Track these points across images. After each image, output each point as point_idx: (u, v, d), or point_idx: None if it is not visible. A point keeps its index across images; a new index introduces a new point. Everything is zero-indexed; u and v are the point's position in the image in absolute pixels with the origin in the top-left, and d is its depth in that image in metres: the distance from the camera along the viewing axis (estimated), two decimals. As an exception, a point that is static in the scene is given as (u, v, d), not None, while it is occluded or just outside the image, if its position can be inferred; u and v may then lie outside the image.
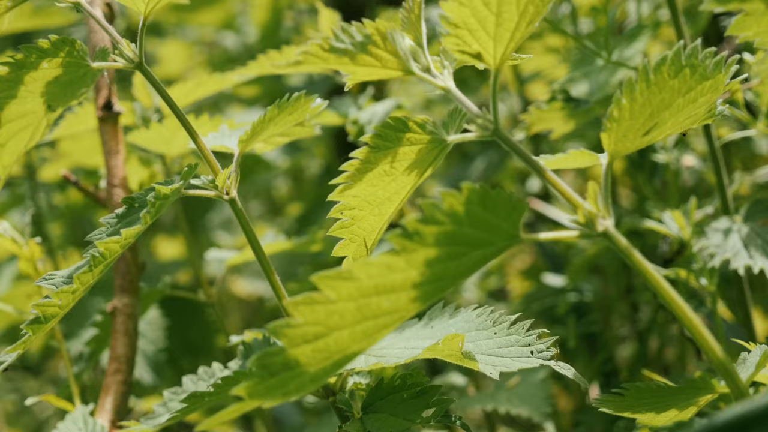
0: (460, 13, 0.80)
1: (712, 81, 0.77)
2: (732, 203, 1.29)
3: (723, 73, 0.77)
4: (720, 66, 0.77)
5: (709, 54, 0.78)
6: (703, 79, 0.77)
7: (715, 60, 0.77)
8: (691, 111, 0.79)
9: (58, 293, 0.89)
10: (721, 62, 0.77)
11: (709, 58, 0.78)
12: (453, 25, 0.81)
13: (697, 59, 0.78)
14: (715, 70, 0.77)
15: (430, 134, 0.83)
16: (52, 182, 1.90)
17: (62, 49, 1.01)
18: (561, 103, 1.34)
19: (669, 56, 0.78)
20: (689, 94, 0.78)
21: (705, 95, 0.78)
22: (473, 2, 0.80)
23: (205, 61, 2.28)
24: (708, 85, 0.77)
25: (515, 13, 0.80)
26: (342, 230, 0.86)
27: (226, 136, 1.15)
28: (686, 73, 0.78)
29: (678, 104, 0.78)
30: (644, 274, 0.79)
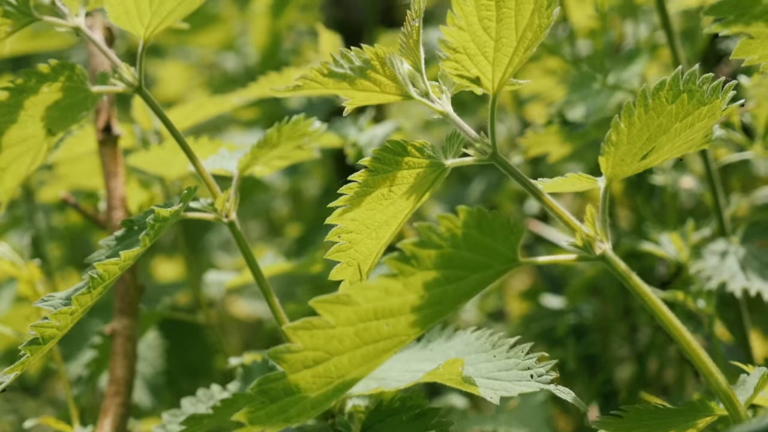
0: (460, 38, 0.81)
1: (709, 106, 0.78)
2: (729, 225, 1.29)
3: (720, 98, 0.77)
4: (717, 91, 0.78)
5: (706, 79, 0.78)
6: (700, 104, 0.78)
7: (712, 85, 0.78)
8: (688, 136, 0.79)
9: (57, 314, 0.89)
10: (718, 87, 0.78)
11: (706, 83, 0.78)
12: (452, 49, 0.81)
13: (694, 84, 0.78)
14: (713, 96, 0.77)
15: (429, 158, 0.83)
16: (50, 203, 1.90)
17: (62, 74, 1.01)
18: (558, 127, 1.34)
19: (667, 81, 0.79)
20: (687, 119, 0.78)
21: (702, 120, 0.78)
22: (473, 27, 0.80)
23: (204, 83, 2.29)
24: (705, 110, 0.78)
25: (513, 39, 0.80)
26: (339, 254, 0.86)
27: (226, 158, 1.15)
28: (684, 98, 0.78)
29: (675, 129, 0.79)
30: (642, 298, 0.80)
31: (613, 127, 0.80)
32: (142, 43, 1.03)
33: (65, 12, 1.03)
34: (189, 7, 1.02)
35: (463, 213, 0.75)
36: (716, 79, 0.78)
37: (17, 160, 1.05)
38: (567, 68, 1.41)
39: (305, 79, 0.81)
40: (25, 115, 1.02)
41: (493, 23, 0.80)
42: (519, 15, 0.80)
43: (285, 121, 1.07)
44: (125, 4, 0.99)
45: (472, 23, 0.80)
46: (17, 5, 1.01)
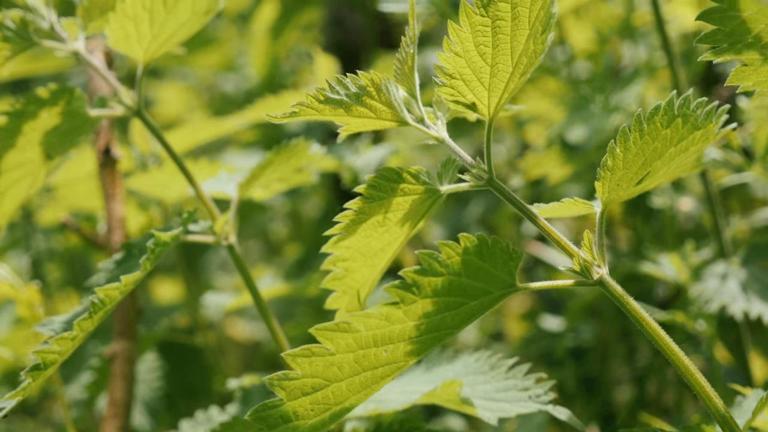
0: (456, 64, 0.81)
1: (703, 130, 0.78)
2: (729, 247, 1.29)
3: (714, 122, 0.77)
4: (711, 115, 0.78)
5: (700, 104, 0.78)
6: (694, 128, 0.78)
7: (706, 110, 0.78)
8: (682, 160, 0.79)
9: (58, 340, 0.89)
10: (712, 112, 0.78)
11: (700, 108, 0.78)
12: (448, 75, 0.82)
13: (689, 109, 0.78)
14: (706, 120, 0.78)
15: (424, 185, 0.83)
16: (49, 225, 1.91)
17: (61, 98, 1.02)
18: (557, 149, 1.35)
19: (662, 106, 0.79)
20: (681, 143, 0.79)
21: (696, 144, 0.78)
22: (469, 53, 0.81)
23: (204, 104, 2.29)
24: (699, 134, 0.78)
25: (509, 64, 0.81)
26: (334, 282, 0.86)
27: (225, 181, 1.16)
28: (678, 122, 0.78)
29: (670, 153, 0.79)
30: (640, 322, 0.80)
31: (609, 152, 0.80)
32: (141, 67, 1.03)
33: (64, 36, 1.03)
34: (189, 31, 1.03)
35: (464, 240, 0.75)
36: (712, 102, 0.79)
37: (16, 185, 1.06)
38: (566, 90, 1.42)
39: (301, 106, 0.81)
40: (23, 140, 1.02)
41: (489, 49, 0.81)
42: (514, 41, 0.80)
43: (284, 145, 1.07)
44: (125, 29, 0.99)
45: (468, 49, 0.81)
46: (17, 30, 1.01)
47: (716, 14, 0.82)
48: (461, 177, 0.83)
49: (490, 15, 0.80)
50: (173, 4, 0.98)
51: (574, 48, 1.55)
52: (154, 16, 0.99)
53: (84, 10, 1.05)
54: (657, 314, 1.29)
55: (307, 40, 2.26)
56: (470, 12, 0.80)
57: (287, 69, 2.23)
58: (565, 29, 1.55)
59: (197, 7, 1.00)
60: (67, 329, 0.92)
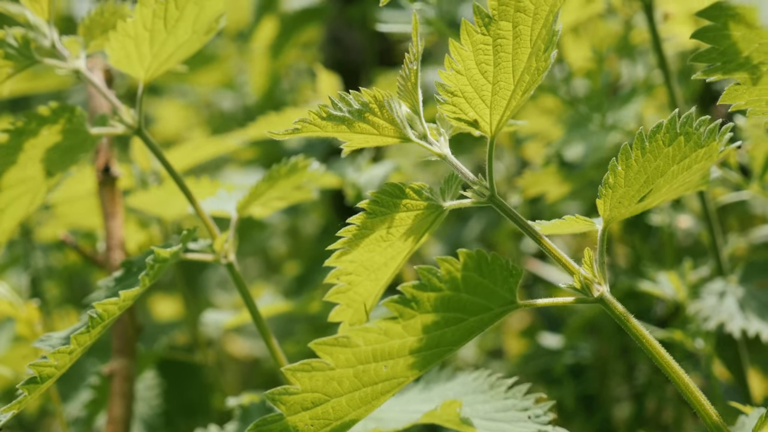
0: (458, 82, 0.82)
1: (706, 148, 0.78)
2: (727, 264, 1.29)
3: (717, 140, 0.78)
4: (714, 133, 0.78)
5: (703, 122, 0.79)
6: (697, 146, 0.78)
7: (709, 128, 0.78)
8: (685, 178, 0.80)
9: (55, 354, 0.89)
10: (715, 130, 0.78)
11: (703, 126, 0.78)
12: (450, 93, 0.82)
13: (691, 127, 0.79)
14: (709, 138, 0.78)
15: (427, 200, 0.83)
16: (48, 242, 1.91)
17: (62, 116, 1.02)
18: (556, 167, 1.35)
19: (664, 124, 0.79)
20: (684, 161, 0.79)
21: (699, 162, 0.79)
22: (470, 71, 0.81)
23: (203, 121, 2.30)
24: (702, 152, 0.78)
25: (511, 82, 0.81)
26: (338, 296, 0.86)
27: (224, 200, 1.16)
28: (681, 140, 0.79)
29: (672, 171, 0.79)
30: (640, 340, 0.80)
31: (610, 170, 0.80)
32: (141, 86, 1.03)
33: (66, 55, 1.04)
34: (189, 51, 1.03)
35: (463, 256, 0.76)
36: (713, 121, 0.79)
37: (16, 201, 1.06)
38: (564, 108, 1.42)
39: (304, 123, 0.82)
40: (24, 157, 1.03)
41: (491, 67, 0.81)
42: (516, 59, 0.81)
43: (283, 163, 1.07)
44: (126, 48, 0.99)
45: (469, 67, 0.81)
46: (18, 48, 1.02)
47: (711, 33, 0.83)
48: (463, 193, 0.84)
49: (492, 33, 0.80)
50: (173, 24, 0.99)
51: (572, 66, 1.55)
52: (155, 35, 0.99)
53: (85, 28, 1.05)
54: (656, 332, 1.29)
55: (307, 58, 2.26)
56: (471, 31, 0.81)
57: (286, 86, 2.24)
58: (564, 47, 1.55)
59: (197, 27, 1.00)
60: (66, 344, 0.92)
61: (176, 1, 0.98)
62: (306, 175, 1.09)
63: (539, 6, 0.79)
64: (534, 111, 1.60)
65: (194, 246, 1.04)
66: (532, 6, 0.80)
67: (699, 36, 0.83)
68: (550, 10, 0.79)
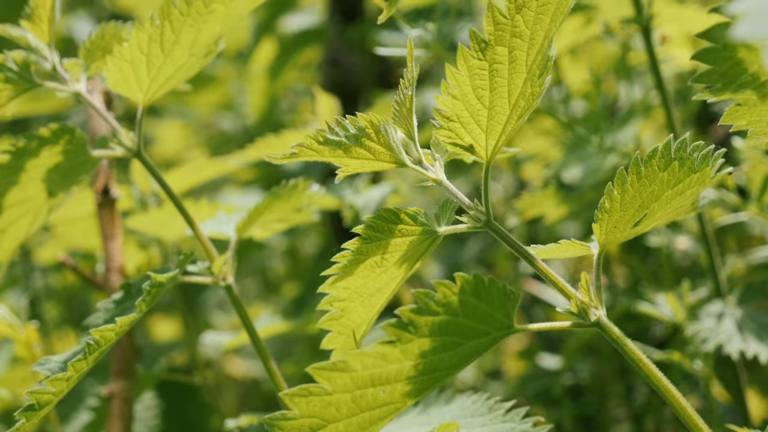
0: (454, 107, 0.82)
1: (699, 174, 0.78)
2: (725, 286, 1.29)
3: (710, 166, 0.78)
4: (707, 159, 0.78)
5: (697, 147, 0.79)
6: (691, 171, 0.79)
7: (702, 153, 0.79)
8: (678, 203, 0.80)
9: (53, 380, 0.89)
10: (708, 155, 0.78)
11: (697, 151, 0.79)
12: (446, 118, 0.82)
13: (686, 152, 0.79)
14: (703, 163, 0.78)
15: (422, 226, 0.84)
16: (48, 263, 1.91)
17: (62, 137, 1.03)
18: (554, 189, 1.36)
19: (659, 149, 0.80)
20: (678, 186, 0.79)
21: (692, 187, 0.79)
22: (466, 96, 0.81)
23: (203, 142, 2.30)
24: (696, 177, 0.79)
25: (507, 107, 0.81)
26: (331, 322, 0.86)
27: (223, 222, 1.16)
28: (675, 165, 0.79)
29: (667, 196, 0.80)
30: (637, 364, 0.80)
31: (606, 194, 0.80)
32: (140, 109, 1.04)
33: (66, 78, 1.04)
34: (187, 74, 1.04)
35: (460, 279, 0.76)
36: (709, 144, 0.79)
37: (17, 222, 1.06)
38: (563, 129, 1.43)
39: (301, 147, 0.82)
40: (25, 177, 1.03)
41: (487, 92, 0.81)
42: (512, 84, 0.81)
43: (283, 185, 1.08)
44: (123, 72, 1.00)
45: (465, 92, 0.81)
46: (19, 71, 1.02)
47: (711, 54, 0.83)
48: (459, 218, 0.84)
49: (488, 59, 0.81)
50: (170, 47, 0.99)
51: (570, 87, 1.56)
52: (152, 59, 1.00)
53: (86, 51, 1.05)
54: (654, 354, 1.29)
55: (305, 79, 2.27)
56: (467, 56, 0.81)
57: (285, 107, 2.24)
58: (562, 69, 1.56)
59: (195, 50, 1.00)
60: (64, 369, 0.92)
61: (172, 24, 0.99)
62: (305, 197, 1.09)
63: (535, 31, 0.80)
64: (532, 132, 1.61)
65: (193, 268, 1.04)
66: (528, 31, 0.80)
67: (699, 57, 0.83)
68: (546, 36, 0.80)
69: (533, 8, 0.79)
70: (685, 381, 1.42)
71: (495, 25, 0.80)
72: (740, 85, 0.82)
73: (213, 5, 0.98)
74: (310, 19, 2.18)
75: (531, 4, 0.79)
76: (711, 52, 0.83)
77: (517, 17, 0.80)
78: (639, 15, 1.25)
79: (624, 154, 1.32)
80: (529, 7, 0.80)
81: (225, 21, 0.99)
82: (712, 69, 0.83)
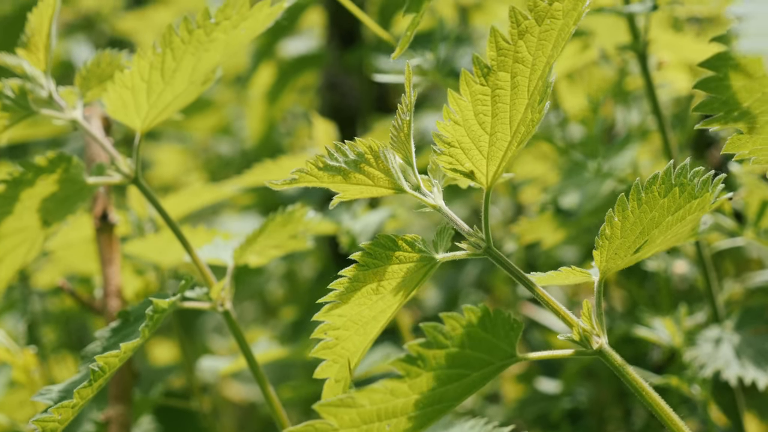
0: (455, 132, 0.82)
1: (699, 200, 0.78)
2: (723, 311, 1.29)
3: (710, 191, 0.78)
4: (707, 184, 0.78)
5: (697, 173, 0.79)
6: (691, 197, 0.79)
7: (702, 179, 0.79)
8: (679, 229, 0.80)
9: (59, 408, 0.89)
10: (708, 181, 0.79)
11: (697, 177, 0.79)
12: (447, 143, 0.82)
13: (686, 178, 0.79)
14: (703, 189, 0.78)
15: (420, 252, 0.83)
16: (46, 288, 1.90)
17: (59, 166, 1.03)
18: (551, 214, 1.36)
19: (660, 175, 0.80)
20: (678, 212, 0.79)
21: (692, 213, 0.79)
22: (468, 122, 0.81)
23: (201, 165, 2.30)
24: (696, 203, 0.79)
25: (508, 133, 0.81)
26: (325, 351, 0.85)
27: (220, 248, 1.16)
28: (676, 191, 0.79)
29: (667, 222, 0.80)
30: (639, 392, 0.80)
31: (606, 221, 0.80)
32: (138, 136, 1.04)
33: (62, 105, 1.04)
34: (186, 100, 1.04)
35: (468, 312, 0.75)
36: (708, 169, 0.79)
37: (13, 251, 1.06)
38: (560, 154, 1.43)
39: (300, 173, 0.82)
40: (21, 207, 1.03)
41: (489, 118, 0.81)
42: (513, 110, 0.81)
43: (279, 212, 1.08)
44: (123, 99, 1.00)
45: (467, 118, 0.81)
46: (16, 99, 1.02)
47: (713, 83, 0.83)
48: (458, 245, 0.84)
49: (490, 84, 0.81)
50: (171, 74, 0.99)
51: (568, 112, 1.56)
52: (152, 86, 1.00)
53: (82, 79, 1.06)
54: (652, 378, 1.29)
55: (304, 102, 2.27)
56: (470, 81, 0.81)
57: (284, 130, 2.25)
58: (559, 93, 1.56)
59: (194, 78, 1.01)
60: (65, 397, 0.92)
61: (173, 52, 0.99)
62: (302, 224, 1.09)
63: (537, 57, 0.80)
64: (530, 156, 1.61)
65: (191, 294, 1.04)
66: (530, 57, 0.80)
67: (701, 86, 0.83)
68: (547, 62, 0.80)
69: (536, 34, 0.80)
70: (684, 405, 1.42)
71: (498, 51, 0.80)
72: (741, 113, 0.82)
73: (214, 34, 0.98)
74: (308, 44, 2.19)
75: (534, 30, 0.79)
76: (712, 81, 0.83)
77: (519, 43, 0.80)
78: (635, 41, 1.26)
79: (621, 180, 1.32)
80: (531, 33, 0.80)
81: (226, 49, 1.00)
82: (713, 97, 0.83)
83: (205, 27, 0.99)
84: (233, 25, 0.99)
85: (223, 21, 0.99)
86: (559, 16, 0.79)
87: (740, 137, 0.83)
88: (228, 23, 0.99)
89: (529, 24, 0.79)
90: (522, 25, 0.80)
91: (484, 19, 1.85)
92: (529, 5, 0.79)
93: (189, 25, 0.99)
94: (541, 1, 0.79)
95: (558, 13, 0.79)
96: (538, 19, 0.79)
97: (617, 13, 1.22)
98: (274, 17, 1.00)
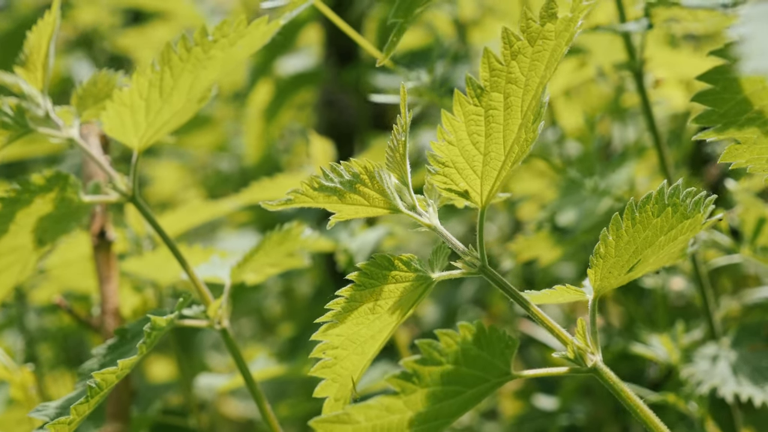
0: (449, 153, 0.82)
1: (691, 220, 0.79)
2: (720, 327, 1.30)
3: (702, 212, 0.79)
4: (699, 205, 0.79)
5: (689, 193, 0.79)
6: (683, 217, 0.79)
7: (694, 199, 0.79)
8: (671, 248, 0.80)
9: (55, 425, 0.89)
10: (700, 201, 0.79)
11: (689, 197, 0.79)
12: (441, 163, 0.83)
13: (678, 198, 0.80)
14: (695, 209, 0.79)
15: (416, 272, 0.84)
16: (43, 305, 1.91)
17: (56, 185, 1.03)
18: (548, 232, 1.36)
19: (653, 195, 0.80)
20: (671, 232, 0.80)
21: (684, 233, 0.80)
22: (462, 142, 0.82)
23: (198, 182, 2.31)
24: (688, 224, 0.79)
25: (502, 153, 0.82)
26: (323, 370, 0.85)
27: (217, 266, 1.17)
28: (669, 211, 0.80)
29: (660, 242, 0.80)
30: (634, 410, 0.80)
31: (601, 239, 0.81)
32: (136, 154, 1.04)
33: (59, 124, 1.05)
34: (183, 118, 1.04)
35: (463, 329, 0.76)
36: (703, 185, 0.80)
37: (7, 270, 1.06)
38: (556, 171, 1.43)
39: (296, 193, 0.82)
40: (16, 226, 1.03)
41: (482, 138, 0.82)
42: (507, 129, 0.81)
43: (276, 230, 1.08)
44: (122, 117, 1.00)
45: (461, 138, 0.82)
46: (13, 117, 1.02)
47: (711, 96, 0.84)
48: (453, 264, 0.84)
49: (483, 104, 0.81)
50: (169, 93, 1.00)
51: (565, 129, 1.57)
52: (150, 104, 1.00)
53: (78, 98, 1.06)
54: (649, 395, 1.29)
55: (301, 119, 2.28)
56: (464, 101, 0.81)
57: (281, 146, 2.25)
58: (556, 110, 1.56)
59: (192, 95, 1.01)
60: (62, 414, 0.92)
61: (172, 70, 0.99)
62: (299, 242, 1.09)
63: (530, 78, 0.80)
64: (528, 174, 1.61)
65: (188, 312, 1.04)
66: (523, 77, 0.80)
67: (699, 99, 0.84)
68: (540, 82, 0.80)
69: (528, 55, 0.80)
70: (681, 422, 1.42)
71: (491, 71, 0.81)
72: (740, 125, 0.83)
73: (212, 51, 0.99)
74: (305, 62, 2.19)
75: (526, 50, 0.80)
76: (710, 94, 0.83)
77: (512, 63, 0.80)
78: (632, 60, 1.26)
79: (618, 198, 1.32)
80: (524, 53, 0.80)
81: (223, 67, 1.00)
82: (711, 110, 0.83)
83: (202, 45, 0.99)
84: (231, 42, 0.99)
85: (220, 39, 0.99)
86: (551, 37, 0.79)
87: (737, 147, 0.84)
88: (225, 41, 0.99)
89: (521, 45, 0.80)
90: (515, 46, 0.80)
91: (482, 37, 1.86)
92: (521, 26, 0.79)
93: (187, 43, 0.99)
94: (533, 23, 0.79)
95: (550, 34, 0.79)
96: (530, 40, 0.80)
97: (613, 31, 1.22)
98: (270, 34, 1.00)
